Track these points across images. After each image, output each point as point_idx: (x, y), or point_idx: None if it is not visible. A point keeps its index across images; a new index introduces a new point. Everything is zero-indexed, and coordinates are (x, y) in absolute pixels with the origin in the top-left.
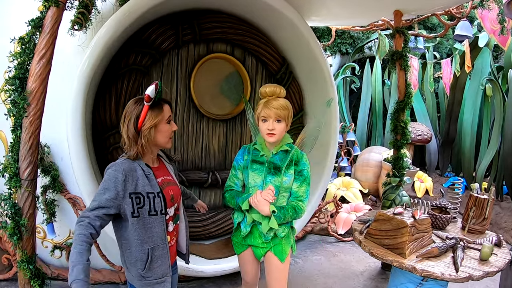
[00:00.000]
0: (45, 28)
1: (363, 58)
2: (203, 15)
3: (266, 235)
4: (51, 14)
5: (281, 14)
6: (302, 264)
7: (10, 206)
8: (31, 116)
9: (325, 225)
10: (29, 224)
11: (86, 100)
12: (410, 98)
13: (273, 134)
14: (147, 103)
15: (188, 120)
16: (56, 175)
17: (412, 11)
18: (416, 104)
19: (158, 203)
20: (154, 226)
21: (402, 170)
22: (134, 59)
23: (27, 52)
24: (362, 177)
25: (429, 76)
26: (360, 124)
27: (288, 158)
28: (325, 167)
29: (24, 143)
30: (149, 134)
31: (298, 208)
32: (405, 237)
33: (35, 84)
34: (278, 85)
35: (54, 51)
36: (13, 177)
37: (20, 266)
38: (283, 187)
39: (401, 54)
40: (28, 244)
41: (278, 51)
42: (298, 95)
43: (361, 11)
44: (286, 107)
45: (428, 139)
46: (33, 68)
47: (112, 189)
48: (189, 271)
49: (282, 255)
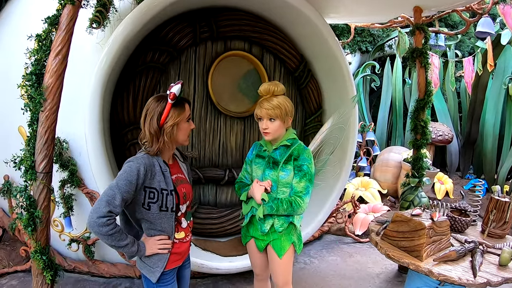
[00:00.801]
0: (61, 25)
1: (384, 56)
2: (220, 13)
3: (262, 227)
4: (67, 11)
5: (298, 11)
6: (317, 264)
7: (25, 198)
8: (47, 110)
9: (343, 225)
10: (44, 216)
11: (104, 96)
12: (430, 97)
13: (268, 133)
14: (171, 101)
15: (206, 117)
16: (74, 170)
17: (432, 7)
18: (437, 103)
19: (170, 200)
20: (162, 222)
21: (421, 171)
22: (152, 56)
23: (44, 49)
24: (381, 177)
25: (450, 75)
26: (380, 123)
27: (287, 153)
28: (343, 167)
29: (40, 137)
30: (171, 131)
31: (295, 203)
32: (423, 239)
33: (51, 80)
34: (274, 83)
35: (70, 47)
36: (29, 170)
37: (33, 256)
38: (281, 182)
39: (421, 51)
40: (42, 236)
41: (296, 48)
42: (317, 92)
43: (379, 8)
44: (277, 106)
45: (449, 139)
46: (49, 64)
47: (134, 181)
48: (203, 267)
49: (280, 251)
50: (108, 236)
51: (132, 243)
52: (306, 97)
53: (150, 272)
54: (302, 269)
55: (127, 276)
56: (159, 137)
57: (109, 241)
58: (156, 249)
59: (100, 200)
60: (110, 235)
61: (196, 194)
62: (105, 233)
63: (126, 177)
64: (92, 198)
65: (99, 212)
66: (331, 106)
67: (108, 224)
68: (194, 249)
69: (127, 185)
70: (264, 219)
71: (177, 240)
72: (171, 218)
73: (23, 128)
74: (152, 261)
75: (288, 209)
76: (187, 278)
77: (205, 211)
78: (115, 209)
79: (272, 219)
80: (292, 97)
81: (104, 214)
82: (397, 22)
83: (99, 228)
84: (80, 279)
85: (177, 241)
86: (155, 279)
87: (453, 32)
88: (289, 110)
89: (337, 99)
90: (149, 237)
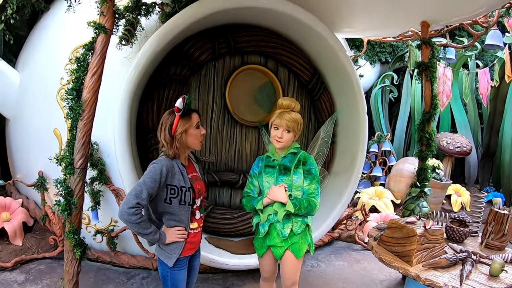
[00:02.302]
0: (96, 50)
1: (404, 67)
2: (237, 29)
3: (283, 232)
4: (100, 39)
5: (309, 28)
6: (324, 268)
7: (64, 188)
8: (85, 119)
9: (353, 232)
10: (78, 203)
11: (131, 105)
12: (436, 110)
13: (281, 142)
14: (177, 113)
15: (223, 126)
16: (102, 169)
17: (439, 22)
18: (458, 114)
19: (188, 196)
20: (181, 214)
21: (425, 181)
22: (175, 70)
23: (82, 69)
24: (395, 187)
25: (464, 87)
26: (398, 133)
27: (296, 159)
28: (351, 175)
29: (79, 140)
30: (181, 138)
31: (312, 203)
32: (413, 245)
33: (89, 95)
34: (294, 100)
35: (103, 68)
36: (68, 166)
37: (67, 235)
38: (294, 185)
39: (426, 65)
40: (76, 219)
41: (309, 62)
42: (329, 104)
43: (389, 23)
44: (296, 120)
45: (467, 151)
46: (87, 82)
47: (158, 179)
48: (214, 262)
49: (299, 252)
50: (136, 224)
51: (155, 232)
52: (319, 108)
53: (168, 258)
54: (308, 272)
55: (145, 267)
56: (173, 144)
57: (137, 229)
58: (175, 237)
59: (130, 194)
60: (138, 223)
61: (212, 196)
62: (134, 221)
63: (151, 176)
64: (118, 195)
65: (129, 203)
66: (343, 118)
67: (136, 214)
68: (208, 246)
69: (152, 182)
70: (283, 223)
71: (192, 230)
72: (188, 210)
73: (58, 131)
74: (170, 248)
75: (308, 207)
76: (196, 268)
77: (220, 212)
78: (142, 202)
79: (291, 222)
80: (305, 109)
81: (133, 205)
82: (407, 36)
83: (129, 217)
84: (102, 268)
85: (191, 231)
86: (171, 264)
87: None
88: (301, 128)
89: (349, 111)
90: (168, 228)
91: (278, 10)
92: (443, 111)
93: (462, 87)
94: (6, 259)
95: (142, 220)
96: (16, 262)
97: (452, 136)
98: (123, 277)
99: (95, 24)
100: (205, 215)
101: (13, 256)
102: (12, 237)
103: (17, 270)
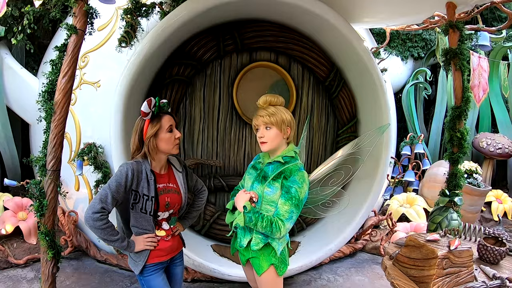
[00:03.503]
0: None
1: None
2: (244, 25)
3: (241, 241)
4: (72, 40)
5: (321, 18)
6: (341, 283)
7: (37, 190)
8: (56, 121)
9: (378, 243)
10: (50, 205)
11: (128, 107)
12: (468, 104)
13: (264, 142)
14: (144, 117)
15: (231, 128)
16: (107, 172)
17: (468, 1)
18: (498, 113)
19: (149, 205)
20: (143, 221)
21: (457, 189)
22: (177, 70)
23: (54, 72)
24: (429, 194)
25: (502, 79)
26: (433, 135)
27: (278, 170)
28: (374, 180)
29: (50, 142)
30: (150, 142)
31: (275, 225)
32: (433, 270)
33: (60, 96)
34: (274, 95)
35: (76, 69)
36: (41, 168)
37: (40, 236)
38: (265, 199)
39: (455, 52)
40: (49, 221)
41: (325, 56)
42: (349, 102)
43: (411, 7)
44: (273, 113)
45: (509, 153)
46: (58, 83)
47: (122, 183)
48: (215, 272)
49: (258, 268)
50: (101, 230)
51: (123, 239)
52: (338, 106)
53: (134, 265)
54: (323, 286)
55: None
56: (141, 149)
57: (102, 235)
58: (143, 245)
59: (95, 198)
60: (103, 229)
61: (220, 202)
62: (99, 227)
63: (116, 179)
64: None
65: (94, 208)
66: (366, 116)
67: (101, 219)
68: (211, 254)
69: (117, 186)
70: (244, 232)
71: (159, 237)
72: (149, 220)
73: (68, 135)
74: (136, 255)
75: (266, 227)
76: (179, 275)
77: None
78: (107, 206)
79: (251, 235)
80: (322, 107)
81: (98, 210)
82: (433, 22)
83: (94, 222)
84: (109, 270)
85: (158, 237)
86: (138, 271)
87: (494, 29)
88: (286, 119)
89: (371, 109)
90: (138, 236)
91: (285, 1)
92: (483, 109)
93: (499, 80)
94: (19, 256)
95: (107, 226)
96: (28, 259)
97: (492, 136)
98: (127, 280)
99: (67, 26)
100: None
101: (26, 254)
102: (27, 235)
103: (29, 267)
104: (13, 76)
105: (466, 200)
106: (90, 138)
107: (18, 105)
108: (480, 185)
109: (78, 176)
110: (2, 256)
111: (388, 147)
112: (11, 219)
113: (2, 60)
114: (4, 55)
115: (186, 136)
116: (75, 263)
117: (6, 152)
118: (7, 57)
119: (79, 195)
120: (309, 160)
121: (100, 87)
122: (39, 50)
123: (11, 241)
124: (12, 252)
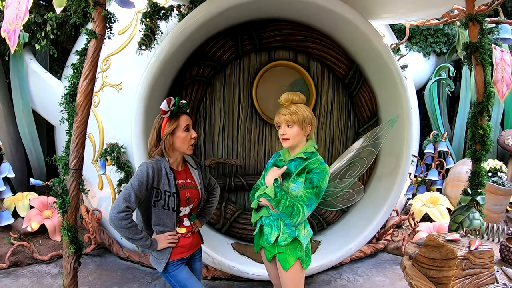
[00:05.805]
0: (88, 55)
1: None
2: (261, 25)
3: (268, 237)
4: (92, 44)
5: (337, 15)
6: (361, 283)
7: (60, 187)
8: (78, 122)
9: (400, 243)
10: (73, 202)
11: (148, 108)
12: (490, 100)
13: (286, 139)
14: (163, 116)
15: (251, 127)
16: (129, 171)
17: None
18: None
19: (172, 201)
20: (165, 218)
21: (480, 187)
22: (197, 71)
23: (76, 75)
24: (452, 193)
25: None
26: (457, 132)
27: (301, 166)
28: (395, 179)
29: (72, 142)
30: (167, 139)
31: (296, 208)
32: (452, 271)
33: (81, 98)
34: (295, 92)
35: (96, 72)
36: (64, 167)
37: (62, 232)
38: (291, 194)
39: (475, 46)
40: (71, 217)
41: (344, 53)
42: (369, 99)
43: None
44: (295, 111)
45: None
46: (80, 86)
47: (144, 182)
48: (234, 270)
49: (285, 264)
50: (126, 229)
51: (146, 238)
52: (358, 104)
53: (157, 263)
54: (343, 286)
55: None
56: (158, 145)
57: (127, 234)
58: (166, 243)
59: (119, 198)
60: (128, 228)
61: (241, 201)
62: (124, 226)
63: (138, 178)
64: None
65: (119, 208)
66: (387, 113)
67: (126, 218)
68: (232, 252)
69: (139, 184)
70: (271, 229)
71: (180, 234)
72: (172, 216)
73: (92, 135)
74: (158, 253)
75: (288, 207)
76: (198, 270)
77: (248, 217)
78: (131, 205)
79: (278, 231)
80: (342, 105)
81: (123, 209)
82: (452, 16)
83: (119, 221)
84: (131, 267)
85: (179, 235)
86: (161, 269)
87: None
88: (307, 117)
89: (392, 106)
90: (159, 235)
91: (301, 0)
92: (508, 105)
93: None
94: (44, 253)
95: (132, 225)
96: (52, 256)
97: None
98: (149, 277)
99: (87, 31)
100: (233, 220)
101: (51, 251)
102: (52, 233)
103: (53, 263)
104: (37, 80)
105: (490, 200)
106: (113, 138)
107: (43, 108)
108: (505, 184)
109: (101, 176)
110: (28, 252)
111: (409, 145)
112: (36, 217)
113: (27, 65)
114: (29, 61)
115: (206, 136)
116: (98, 260)
117: (32, 153)
118: (31, 62)
119: (103, 194)
120: (330, 158)
121: (122, 89)
122: (62, 54)
123: (36, 238)
124: (38, 249)
